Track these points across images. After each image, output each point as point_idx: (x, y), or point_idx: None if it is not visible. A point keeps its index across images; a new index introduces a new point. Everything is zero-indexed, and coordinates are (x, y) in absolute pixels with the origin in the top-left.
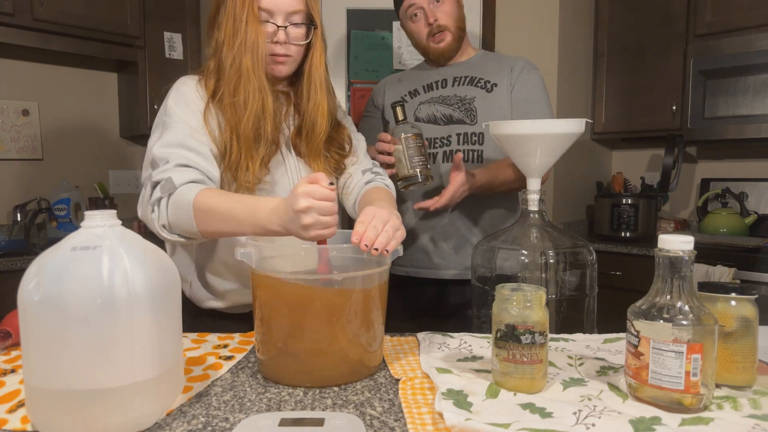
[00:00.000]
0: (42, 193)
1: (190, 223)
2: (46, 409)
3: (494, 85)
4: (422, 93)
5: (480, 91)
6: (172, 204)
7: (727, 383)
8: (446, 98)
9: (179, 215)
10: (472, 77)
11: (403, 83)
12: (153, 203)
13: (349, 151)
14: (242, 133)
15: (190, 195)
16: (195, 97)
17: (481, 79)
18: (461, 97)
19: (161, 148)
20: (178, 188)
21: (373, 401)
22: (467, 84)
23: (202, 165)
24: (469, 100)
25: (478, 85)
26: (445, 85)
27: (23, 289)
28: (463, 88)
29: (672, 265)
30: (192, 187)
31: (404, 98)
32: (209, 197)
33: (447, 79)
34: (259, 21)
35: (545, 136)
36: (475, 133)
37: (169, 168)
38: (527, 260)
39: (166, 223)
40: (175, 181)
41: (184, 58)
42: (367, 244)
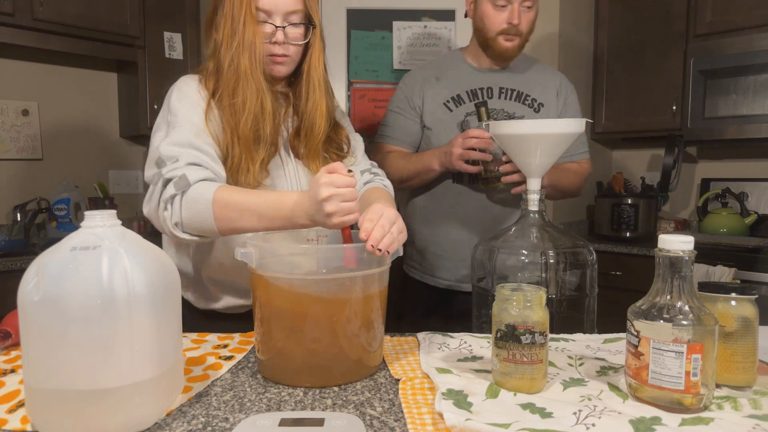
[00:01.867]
0: (42, 193)
1: (208, 220)
2: (45, 409)
3: (541, 105)
4: (467, 101)
5: (528, 110)
6: (188, 201)
7: (727, 383)
8: (493, 112)
9: (196, 212)
10: (519, 92)
11: (443, 84)
12: (166, 200)
13: (348, 151)
14: (241, 134)
15: (208, 191)
16: (198, 97)
17: (528, 96)
18: (509, 114)
19: (169, 147)
20: (192, 185)
21: (373, 401)
22: (515, 99)
23: (212, 165)
24: (517, 118)
25: (525, 102)
26: (490, 95)
27: (23, 289)
28: (510, 104)
29: (672, 265)
30: (208, 184)
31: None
32: (229, 193)
33: (492, 88)
34: (257, 21)
35: (545, 136)
36: None
37: (180, 166)
38: (527, 260)
39: (179, 221)
40: (190, 178)
41: (183, 57)
42: (373, 244)
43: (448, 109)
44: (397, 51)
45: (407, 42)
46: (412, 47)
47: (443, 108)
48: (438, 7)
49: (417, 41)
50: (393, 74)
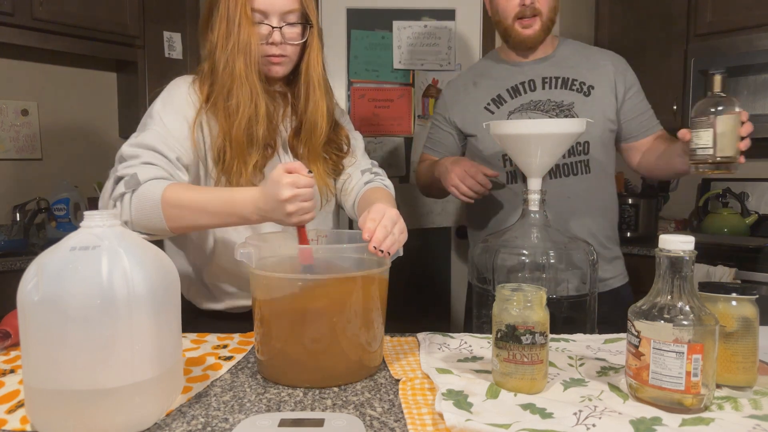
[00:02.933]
0: (41, 193)
1: (158, 219)
2: (45, 409)
3: (591, 87)
4: (509, 99)
5: (577, 95)
6: (137, 199)
7: (727, 383)
8: (539, 104)
9: (145, 210)
10: (565, 78)
11: (481, 88)
12: (115, 198)
13: (347, 151)
14: (234, 137)
15: (157, 190)
16: (184, 102)
17: (575, 80)
18: (557, 102)
19: (131, 147)
20: (143, 184)
21: (373, 402)
22: (561, 87)
23: (169, 167)
24: (567, 106)
25: (573, 88)
26: (533, 88)
27: (22, 290)
28: (557, 92)
29: (673, 265)
30: (158, 182)
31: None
32: (178, 191)
33: (534, 80)
34: (252, 23)
35: (546, 135)
36: (580, 143)
37: (134, 164)
38: (528, 260)
39: (128, 219)
40: (140, 177)
41: (183, 57)
42: (375, 245)
43: (490, 111)
44: (397, 51)
45: (407, 42)
46: (412, 47)
47: (484, 112)
48: (438, 6)
49: (417, 41)
50: (393, 74)
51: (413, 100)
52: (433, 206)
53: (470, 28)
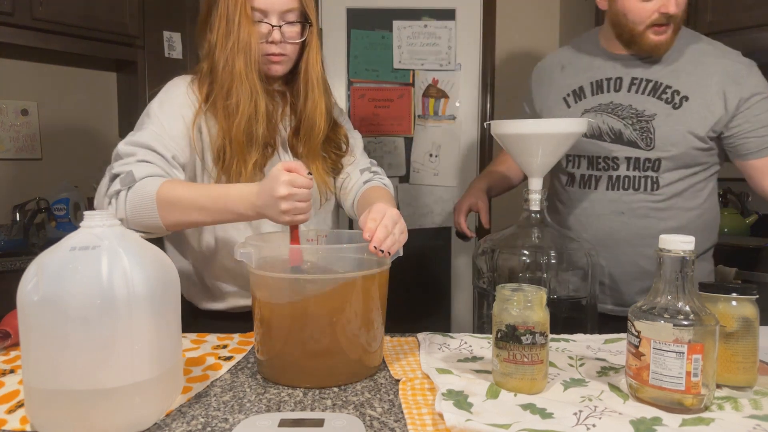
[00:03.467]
0: (41, 193)
1: (153, 216)
2: (45, 409)
3: (684, 98)
4: (588, 95)
5: (664, 106)
6: (132, 197)
7: (727, 384)
8: (618, 108)
9: (140, 208)
10: (657, 84)
11: (568, 73)
12: (111, 195)
13: (346, 150)
14: (234, 136)
15: (152, 187)
16: (182, 101)
17: (668, 88)
18: (638, 111)
19: (127, 146)
20: (138, 181)
21: (373, 402)
22: (648, 92)
23: (164, 165)
24: (647, 117)
25: (662, 96)
26: (618, 87)
27: (22, 289)
28: (642, 99)
29: (673, 265)
30: (153, 179)
31: (566, 100)
32: (172, 188)
33: (623, 78)
34: (252, 22)
35: (547, 135)
36: (650, 159)
37: (130, 162)
38: (528, 260)
39: (123, 217)
40: (136, 174)
41: (183, 57)
42: (376, 245)
43: (567, 104)
44: (397, 50)
45: (407, 41)
46: (412, 46)
47: (562, 104)
48: (438, 6)
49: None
50: (393, 74)
51: (413, 100)
52: (433, 206)
53: (470, 28)
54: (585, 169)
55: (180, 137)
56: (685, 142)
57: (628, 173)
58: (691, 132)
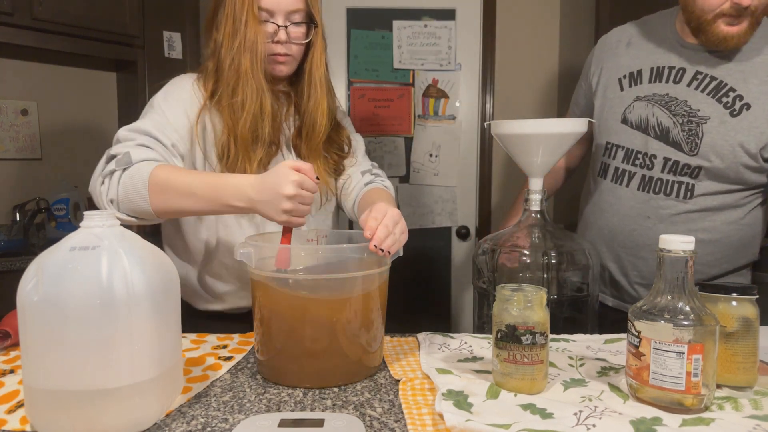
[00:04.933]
0: (41, 193)
1: (143, 199)
2: (45, 409)
3: (746, 106)
4: (645, 80)
5: (721, 110)
6: (126, 178)
7: (727, 384)
8: (672, 102)
9: (132, 190)
10: (720, 84)
11: (632, 51)
12: (105, 175)
13: (348, 152)
14: (239, 134)
15: (146, 169)
16: (186, 96)
17: (732, 90)
18: (692, 110)
19: (127, 131)
20: (134, 164)
21: (373, 402)
22: (709, 92)
23: (164, 152)
24: (699, 119)
25: (722, 100)
26: (679, 79)
27: (22, 290)
28: (700, 97)
29: (673, 265)
30: (149, 163)
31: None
32: (167, 171)
33: (686, 69)
34: (259, 21)
35: (547, 135)
36: (689, 165)
37: (129, 145)
38: (529, 260)
39: (114, 198)
40: (133, 156)
41: (183, 57)
42: (376, 244)
43: (620, 87)
44: (397, 50)
45: (407, 41)
46: (412, 46)
47: (616, 85)
48: (438, 6)
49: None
50: (393, 74)
51: (413, 100)
52: (433, 206)
53: (470, 28)
54: (620, 161)
55: (182, 129)
56: (734, 155)
57: (662, 176)
58: (743, 146)
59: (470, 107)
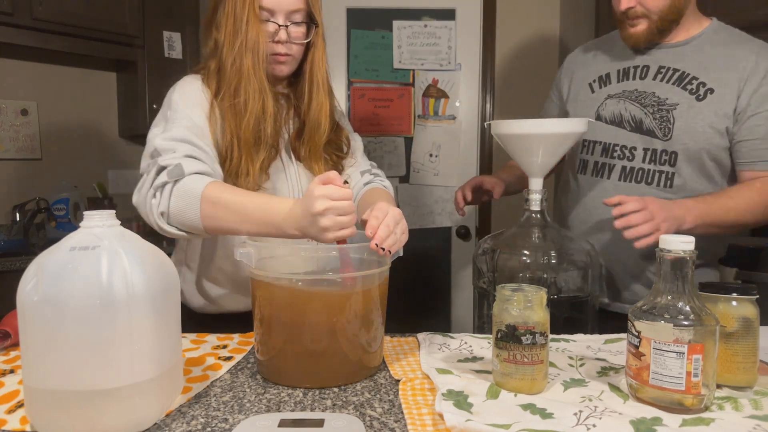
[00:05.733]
0: (41, 193)
1: (195, 214)
2: (45, 409)
3: (710, 91)
4: (614, 81)
5: (687, 96)
6: (178, 191)
7: (728, 384)
8: (641, 96)
9: (184, 204)
10: (683, 74)
11: (598, 60)
12: (156, 187)
13: (347, 152)
14: (243, 135)
15: (199, 184)
16: (200, 97)
17: (694, 79)
18: (660, 99)
19: (165, 141)
20: (187, 176)
21: (373, 402)
22: (673, 82)
23: (209, 162)
24: (668, 106)
25: (687, 87)
26: (644, 75)
27: (22, 289)
28: (666, 87)
29: (673, 265)
30: (201, 177)
31: (591, 86)
32: (220, 190)
33: (649, 66)
34: (260, 20)
35: (548, 135)
36: (666, 151)
37: (177, 156)
38: (529, 260)
39: (165, 211)
40: (185, 168)
41: (183, 57)
42: (377, 243)
43: (591, 89)
44: (397, 50)
45: (407, 41)
46: (412, 46)
47: (587, 89)
48: (438, 6)
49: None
50: (393, 74)
51: (413, 100)
52: (434, 206)
53: (470, 28)
54: (599, 155)
55: (207, 132)
56: (704, 135)
57: (643, 165)
58: (711, 125)
59: (470, 107)
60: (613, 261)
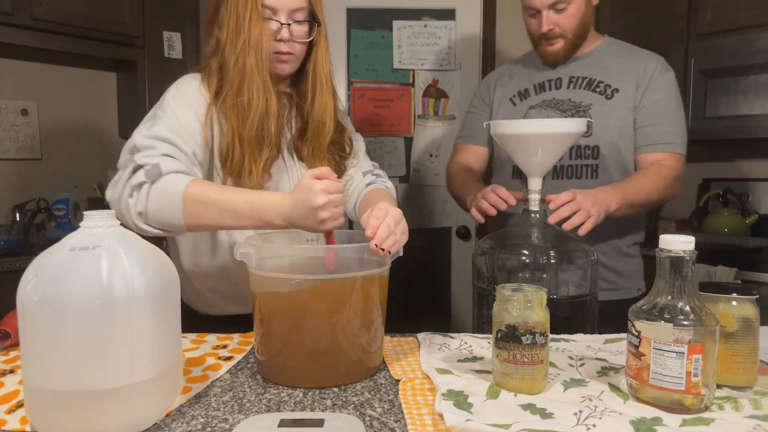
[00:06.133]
0: (41, 193)
1: (176, 214)
2: (45, 409)
3: (615, 90)
4: (533, 94)
5: (598, 97)
6: (157, 191)
7: (728, 384)
8: (559, 103)
9: (164, 204)
10: (591, 79)
11: (514, 80)
12: (133, 187)
13: (350, 152)
14: (246, 134)
15: (179, 183)
16: (195, 97)
17: (600, 82)
18: (576, 103)
19: (146, 139)
20: (165, 175)
21: (373, 402)
22: (584, 87)
23: (187, 162)
24: (584, 107)
25: (596, 89)
26: (559, 86)
27: (22, 290)
28: (578, 93)
29: (673, 265)
30: (180, 176)
31: (512, 100)
32: (203, 187)
33: (562, 78)
34: (263, 19)
35: (547, 135)
36: (589, 146)
37: (155, 155)
38: (528, 260)
39: (143, 211)
40: (163, 168)
41: (183, 57)
42: (377, 243)
43: (513, 103)
44: (397, 50)
45: (407, 41)
46: (412, 47)
47: (509, 104)
48: (438, 6)
49: (417, 40)
50: (393, 74)
51: (413, 100)
52: (434, 206)
53: (470, 28)
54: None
55: (196, 134)
56: (617, 128)
57: (571, 162)
58: (622, 119)
59: None
60: None
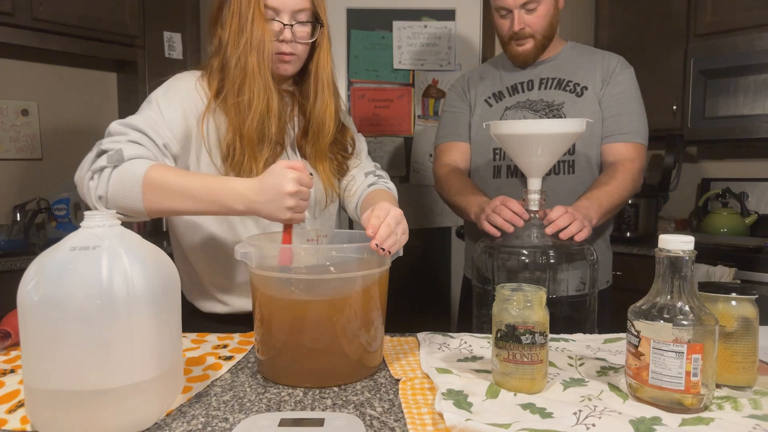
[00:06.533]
0: (41, 193)
1: (135, 198)
2: (45, 409)
3: (584, 88)
4: (507, 96)
5: (569, 95)
6: (117, 176)
7: (727, 383)
8: (533, 103)
9: (123, 189)
10: (560, 80)
11: (486, 82)
12: (95, 171)
13: (352, 152)
14: (246, 133)
15: (140, 168)
16: (186, 95)
17: (570, 81)
18: (548, 102)
19: (119, 126)
20: (126, 161)
21: (373, 401)
22: (555, 87)
23: (155, 151)
24: (557, 105)
25: (566, 88)
26: (531, 88)
27: (23, 289)
28: (550, 93)
29: (672, 265)
30: (142, 161)
31: (488, 101)
32: (162, 172)
33: (533, 80)
34: (265, 19)
35: (546, 135)
36: None
37: (121, 140)
38: (528, 260)
39: (103, 195)
40: (125, 153)
41: (183, 57)
42: (378, 243)
43: (488, 104)
44: (397, 51)
45: (407, 42)
46: (412, 47)
47: (484, 105)
48: (438, 6)
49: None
50: (393, 74)
51: (413, 100)
52: (434, 206)
53: (470, 28)
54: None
55: (176, 128)
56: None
57: None
58: (592, 115)
59: None
60: None
